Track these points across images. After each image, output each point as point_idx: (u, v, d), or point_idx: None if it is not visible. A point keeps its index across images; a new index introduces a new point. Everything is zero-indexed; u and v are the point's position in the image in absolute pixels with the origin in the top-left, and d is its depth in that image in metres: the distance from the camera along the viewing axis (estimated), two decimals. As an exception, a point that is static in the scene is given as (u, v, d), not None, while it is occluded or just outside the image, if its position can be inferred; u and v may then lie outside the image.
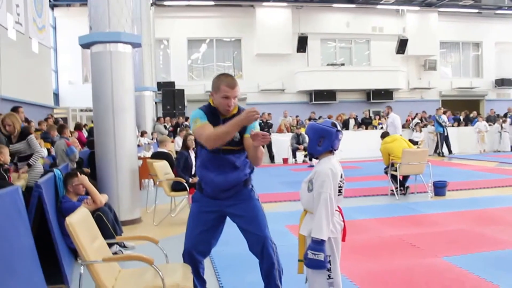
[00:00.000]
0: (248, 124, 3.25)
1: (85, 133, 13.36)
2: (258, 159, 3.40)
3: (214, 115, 3.40)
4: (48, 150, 8.73)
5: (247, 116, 3.14)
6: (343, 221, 3.12)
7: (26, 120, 9.87)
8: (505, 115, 21.08)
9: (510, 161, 14.84)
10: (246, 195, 3.53)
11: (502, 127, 19.23)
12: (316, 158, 3.19)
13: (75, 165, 7.91)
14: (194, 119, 3.39)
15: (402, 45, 24.05)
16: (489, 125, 19.27)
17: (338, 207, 3.09)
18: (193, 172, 7.67)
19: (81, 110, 21.11)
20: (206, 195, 3.52)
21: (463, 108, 22.11)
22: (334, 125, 3.11)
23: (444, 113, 18.87)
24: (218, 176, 3.42)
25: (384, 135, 9.84)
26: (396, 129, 13.45)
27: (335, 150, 3.13)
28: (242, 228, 3.58)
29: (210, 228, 3.56)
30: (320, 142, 3.08)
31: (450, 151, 18.04)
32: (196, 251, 3.56)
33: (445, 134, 17.97)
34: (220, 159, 3.39)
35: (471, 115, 21.34)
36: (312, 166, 13.51)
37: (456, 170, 12.83)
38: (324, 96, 23.42)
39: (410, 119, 19.71)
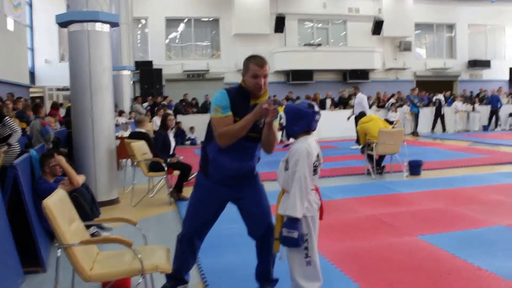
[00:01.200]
0: (260, 119, 3.19)
1: (62, 113, 13.20)
2: (271, 145, 3.32)
3: (244, 99, 3.28)
4: (24, 129, 8.59)
5: (259, 112, 3.10)
6: (320, 200, 3.15)
7: (1, 100, 9.68)
8: (477, 96, 21.43)
9: (481, 140, 15.14)
10: (252, 180, 3.48)
11: (473, 109, 19.57)
12: (294, 138, 3.21)
13: (50, 145, 7.80)
14: (216, 106, 3.23)
15: (377, 26, 24.05)
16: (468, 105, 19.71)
17: (315, 186, 3.12)
18: (171, 152, 7.63)
19: (58, 89, 20.68)
20: (212, 181, 3.41)
21: (437, 89, 22.30)
22: (311, 106, 3.13)
23: (449, 93, 19.50)
24: (233, 162, 3.31)
25: (362, 115, 9.89)
26: (363, 110, 13.29)
27: (312, 130, 3.15)
28: (245, 210, 3.50)
29: (213, 216, 3.51)
30: (297, 123, 3.11)
31: (444, 129, 18.71)
32: (197, 238, 3.54)
33: (442, 113, 18.63)
34: (240, 145, 3.26)
35: (445, 95, 21.61)
36: (287, 146, 13.54)
37: (431, 150, 13.00)
38: (301, 76, 23.37)
39: (386, 99, 19.81)
